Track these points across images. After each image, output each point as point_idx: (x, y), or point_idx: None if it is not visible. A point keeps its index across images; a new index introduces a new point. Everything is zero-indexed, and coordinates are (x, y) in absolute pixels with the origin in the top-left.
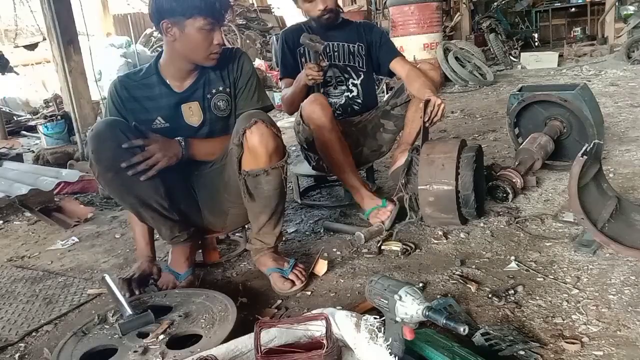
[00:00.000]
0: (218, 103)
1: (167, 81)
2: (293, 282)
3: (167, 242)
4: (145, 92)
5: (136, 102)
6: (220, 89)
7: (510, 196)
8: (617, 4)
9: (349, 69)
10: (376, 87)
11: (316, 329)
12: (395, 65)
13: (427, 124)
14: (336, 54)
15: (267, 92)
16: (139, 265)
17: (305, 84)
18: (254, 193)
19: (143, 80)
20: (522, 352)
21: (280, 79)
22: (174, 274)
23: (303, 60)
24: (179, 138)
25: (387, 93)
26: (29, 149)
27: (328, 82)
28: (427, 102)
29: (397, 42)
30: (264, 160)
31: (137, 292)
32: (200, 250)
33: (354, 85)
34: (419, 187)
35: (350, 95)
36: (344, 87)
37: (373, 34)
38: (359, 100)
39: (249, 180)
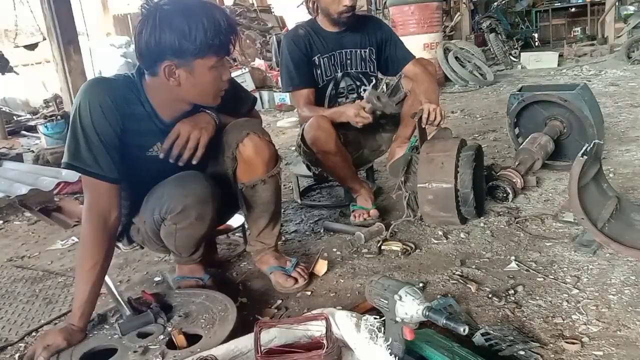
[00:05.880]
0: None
1: (161, 117)
2: (296, 280)
3: (181, 259)
4: (135, 125)
5: (128, 133)
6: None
7: (510, 196)
8: (617, 4)
9: (361, 76)
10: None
11: (316, 329)
12: (408, 68)
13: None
14: (349, 62)
15: (265, 93)
16: (55, 334)
17: (344, 121)
18: (251, 201)
19: (130, 109)
20: (522, 352)
21: (292, 90)
22: (195, 279)
23: (319, 72)
24: (200, 109)
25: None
26: (29, 149)
27: (340, 93)
28: (420, 110)
29: None
30: (261, 170)
31: None
32: None
33: (365, 91)
34: (418, 185)
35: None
36: (354, 95)
37: (383, 32)
38: None
39: (246, 191)
